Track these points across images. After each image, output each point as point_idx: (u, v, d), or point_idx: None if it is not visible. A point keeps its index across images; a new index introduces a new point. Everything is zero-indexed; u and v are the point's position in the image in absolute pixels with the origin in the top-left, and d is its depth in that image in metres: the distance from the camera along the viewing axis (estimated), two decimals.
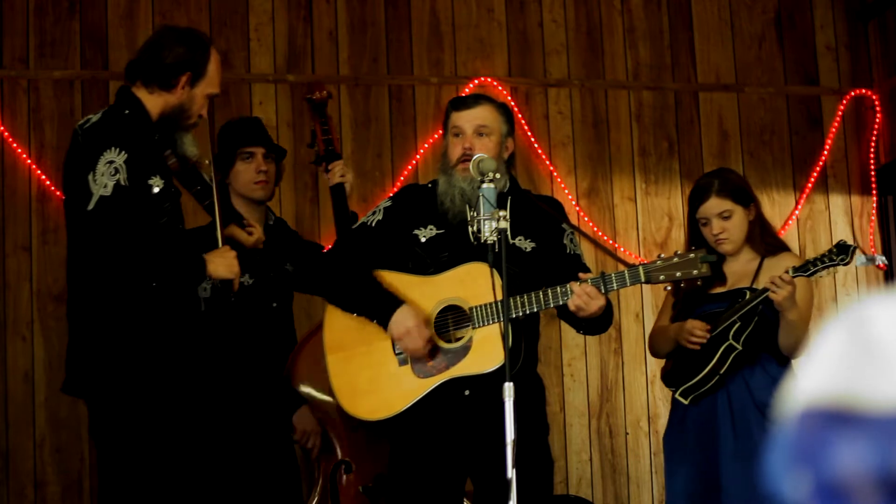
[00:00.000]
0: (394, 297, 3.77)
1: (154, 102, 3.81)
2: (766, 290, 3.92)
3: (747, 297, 4.02)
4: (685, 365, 4.12)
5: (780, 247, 4.24)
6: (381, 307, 3.76)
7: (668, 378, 4.22)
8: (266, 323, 4.46)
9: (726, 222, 4.18)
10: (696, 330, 4.06)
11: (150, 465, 3.66)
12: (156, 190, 3.71)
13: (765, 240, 4.21)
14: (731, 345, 4.01)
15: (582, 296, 3.61)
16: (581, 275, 3.68)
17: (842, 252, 3.90)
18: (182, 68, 3.80)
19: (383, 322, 3.75)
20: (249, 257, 4.16)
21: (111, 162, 3.61)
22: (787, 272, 3.90)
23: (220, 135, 4.60)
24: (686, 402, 4.10)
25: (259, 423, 4.36)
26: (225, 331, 4.31)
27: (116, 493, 3.69)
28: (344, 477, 4.35)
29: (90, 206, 3.58)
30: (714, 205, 4.18)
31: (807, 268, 3.92)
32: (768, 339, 4.05)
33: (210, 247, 3.87)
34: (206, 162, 3.98)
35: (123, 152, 3.62)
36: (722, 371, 4.03)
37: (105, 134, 3.69)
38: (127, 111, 3.77)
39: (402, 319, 3.72)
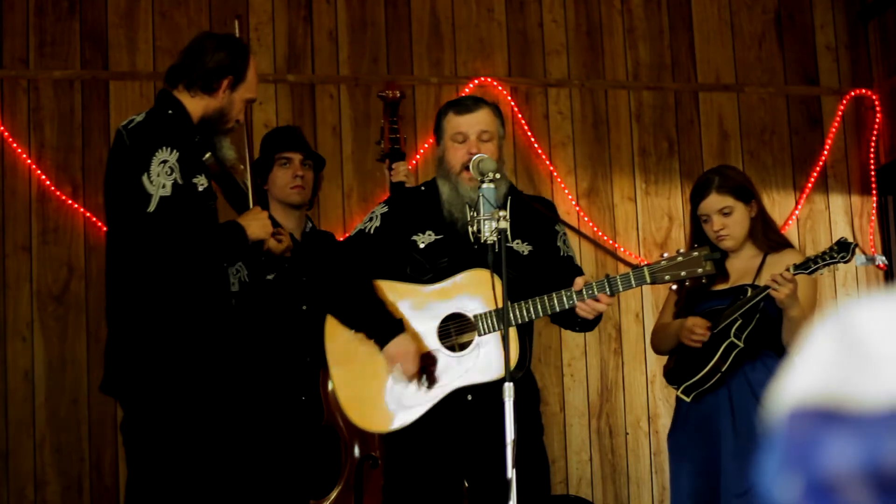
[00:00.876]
0: (394, 319, 3.74)
1: (195, 105, 3.85)
2: (767, 287, 3.92)
3: (749, 294, 4.02)
4: (687, 362, 4.12)
5: (782, 243, 4.24)
6: (381, 330, 3.73)
7: (670, 376, 4.22)
8: (295, 324, 4.47)
9: (727, 219, 4.18)
10: (697, 328, 4.06)
11: (185, 466, 3.67)
12: (200, 188, 3.75)
13: (767, 236, 4.21)
14: (733, 342, 4.02)
15: (592, 313, 3.64)
16: (578, 279, 3.66)
17: (843, 249, 3.91)
18: (224, 72, 3.86)
19: (381, 344, 3.72)
20: (278, 262, 4.20)
21: (164, 161, 3.64)
22: (787, 269, 3.91)
23: (261, 143, 4.67)
24: (688, 400, 4.10)
25: (286, 419, 4.38)
26: (253, 327, 4.33)
27: (148, 494, 3.70)
28: (370, 472, 4.36)
29: (151, 208, 3.60)
30: (714, 201, 4.18)
31: (807, 265, 3.92)
32: (770, 336, 4.05)
33: None
34: (242, 167, 4.02)
35: (175, 151, 3.67)
36: (724, 368, 4.03)
37: (154, 133, 3.72)
38: (170, 111, 3.82)
39: (399, 345, 3.70)
